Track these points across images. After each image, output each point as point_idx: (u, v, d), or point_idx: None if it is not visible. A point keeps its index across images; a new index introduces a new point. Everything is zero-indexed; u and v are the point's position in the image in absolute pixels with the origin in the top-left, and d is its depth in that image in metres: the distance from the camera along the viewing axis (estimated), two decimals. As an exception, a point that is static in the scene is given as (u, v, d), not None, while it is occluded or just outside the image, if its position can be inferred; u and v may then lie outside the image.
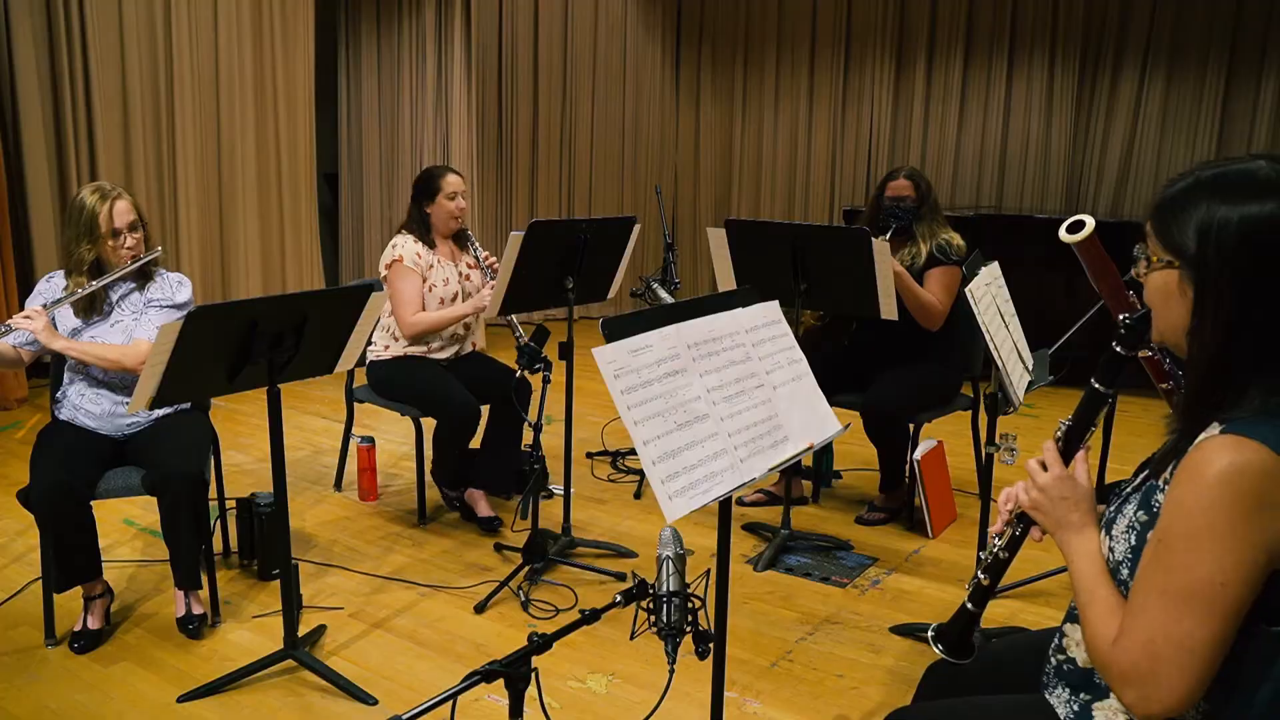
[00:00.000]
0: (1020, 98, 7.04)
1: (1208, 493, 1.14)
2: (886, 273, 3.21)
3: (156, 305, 2.88)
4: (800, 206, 7.99)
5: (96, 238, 2.75)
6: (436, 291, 3.63)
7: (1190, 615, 1.15)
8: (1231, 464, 1.13)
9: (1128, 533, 1.31)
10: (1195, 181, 1.25)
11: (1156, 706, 1.18)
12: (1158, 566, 1.19)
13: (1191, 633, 1.15)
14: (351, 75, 6.85)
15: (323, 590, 3.12)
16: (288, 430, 4.14)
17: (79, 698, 2.49)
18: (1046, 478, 1.43)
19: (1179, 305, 1.26)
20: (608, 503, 3.95)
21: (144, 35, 5.31)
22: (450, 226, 3.70)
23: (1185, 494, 1.16)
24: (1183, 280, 1.24)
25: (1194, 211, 1.22)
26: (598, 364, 1.61)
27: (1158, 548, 1.19)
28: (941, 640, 1.59)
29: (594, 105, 7.93)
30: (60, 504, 2.56)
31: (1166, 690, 1.17)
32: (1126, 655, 1.20)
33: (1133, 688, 1.19)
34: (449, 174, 3.70)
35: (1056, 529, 1.41)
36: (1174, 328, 1.28)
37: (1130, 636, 1.20)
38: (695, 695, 2.52)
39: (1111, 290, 2.47)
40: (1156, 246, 1.28)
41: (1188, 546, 1.15)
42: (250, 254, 6.03)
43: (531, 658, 1.45)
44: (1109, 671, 1.23)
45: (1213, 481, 1.14)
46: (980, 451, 3.79)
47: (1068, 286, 5.81)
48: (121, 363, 2.74)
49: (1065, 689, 1.42)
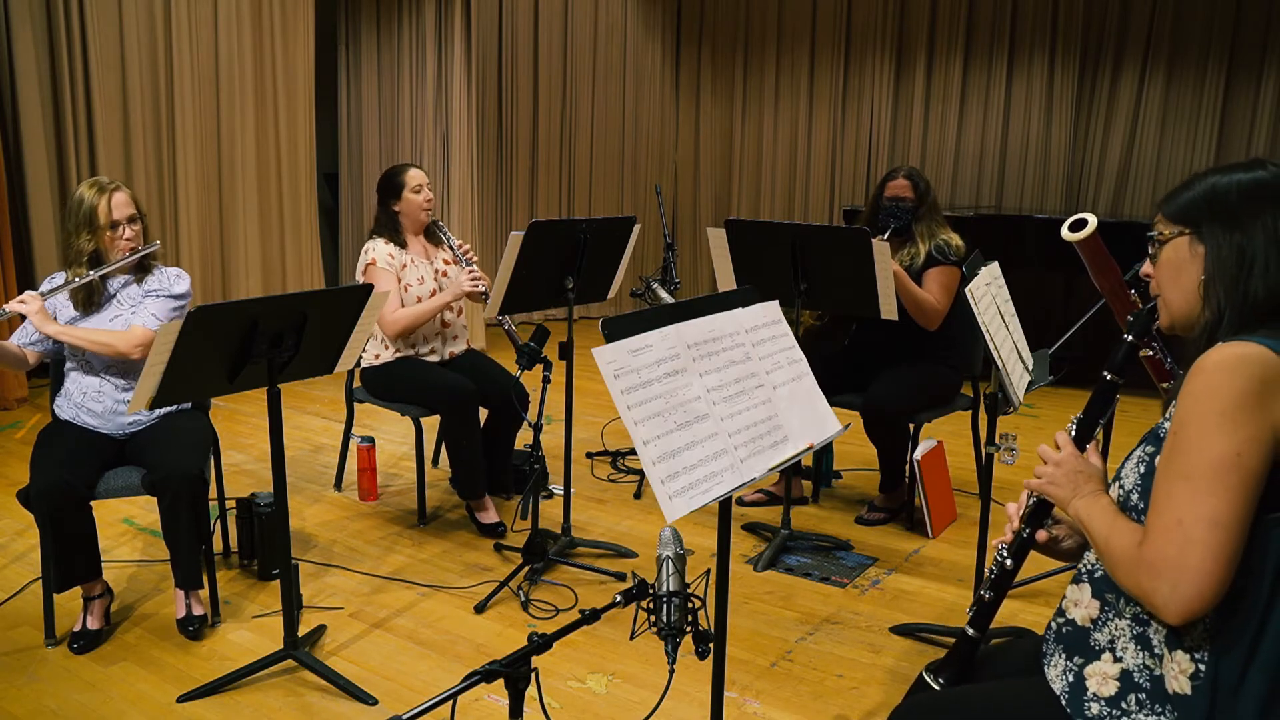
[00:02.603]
0: (1020, 98, 7.04)
1: (1214, 377, 1.24)
2: (886, 273, 3.21)
3: (154, 295, 2.88)
4: (800, 206, 7.99)
5: (95, 229, 2.76)
6: (413, 291, 3.62)
7: (1213, 491, 1.21)
8: (1233, 355, 1.25)
9: (1137, 465, 1.39)
10: (1199, 186, 1.41)
11: (1189, 592, 1.21)
12: (1176, 454, 1.26)
13: (1216, 507, 1.21)
14: (351, 75, 6.85)
15: (323, 590, 3.12)
16: (287, 430, 4.16)
17: (79, 698, 2.49)
18: (1061, 454, 1.50)
19: (1190, 268, 1.38)
20: (608, 503, 3.95)
21: (144, 35, 5.31)
22: (421, 220, 3.71)
23: (1193, 387, 1.26)
24: (1193, 242, 1.38)
25: (1199, 186, 1.40)
26: (598, 364, 1.61)
27: (1173, 440, 1.27)
28: (941, 674, 1.60)
29: (594, 105, 7.93)
30: (60, 504, 2.56)
31: (1197, 572, 1.21)
32: (1155, 546, 1.25)
33: (1164, 580, 1.23)
34: (410, 169, 3.74)
35: (1071, 498, 1.45)
36: (1186, 294, 1.39)
37: (1157, 527, 1.25)
38: (695, 695, 2.52)
39: (1113, 288, 2.48)
40: (1166, 224, 1.42)
41: (1201, 428, 1.23)
42: (250, 254, 6.02)
43: (531, 658, 1.45)
44: (1139, 571, 1.27)
45: (1216, 370, 1.25)
46: (980, 451, 3.79)
47: (1068, 286, 5.83)
48: (115, 346, 2.73)
49: (1061, 655, 1.44)
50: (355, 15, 6.76)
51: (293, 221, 6.25)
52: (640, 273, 7.52)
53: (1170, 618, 1.25)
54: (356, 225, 7.04)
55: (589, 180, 8.03)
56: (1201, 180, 1.41)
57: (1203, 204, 1.38)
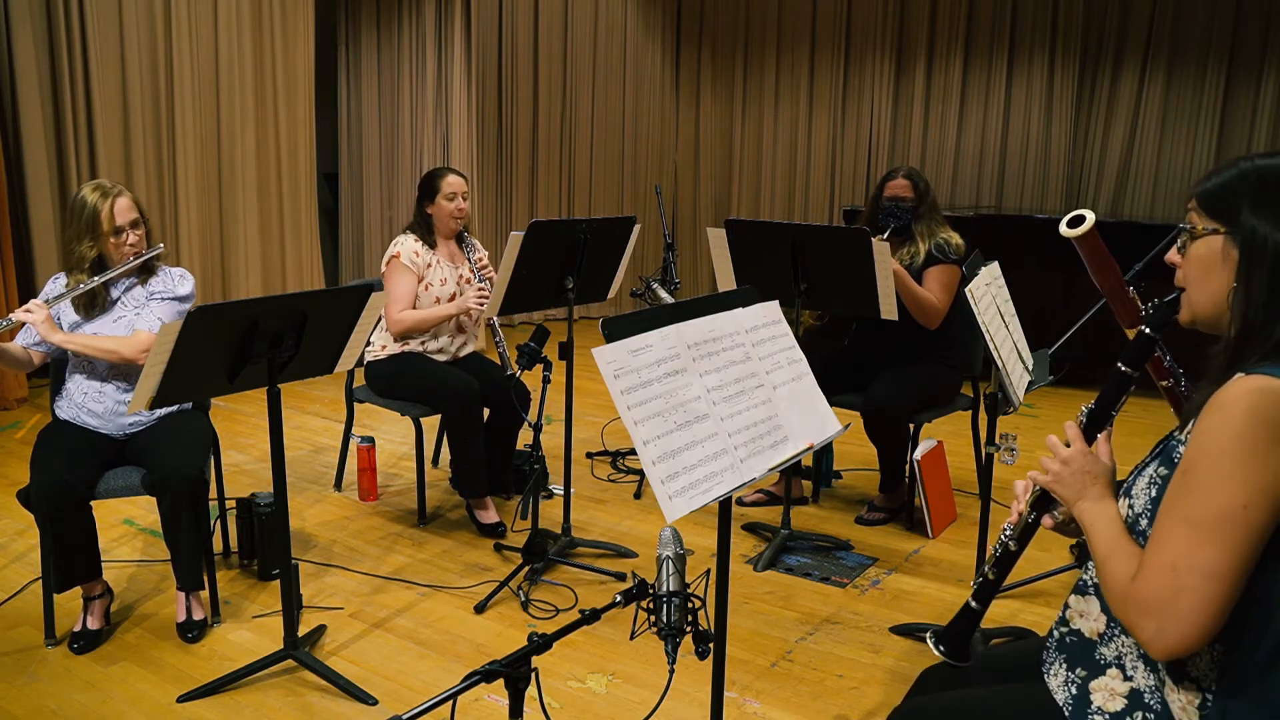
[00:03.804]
0: (1020, 98, 7.04)
1: (1233, 421, 1.17)
2: (886, 272, 3.21)
3: (159, 298, 2.89)
4: (800, 206, 7.99)
5: (99, 235, 2.75)
6: (433, 291, 3.63)
7: (1212, 542, 1.17)
8: (1257, 398, 1.17)
9: (1148, 488, 1.33)
10: (1240, 168, 1.30)
11: (1173, 636, 1.19)
12: (1181, 495, 1.21)
13: (1213, 559, 1.17)
14: (351, 75, 6.85)
15: (323, 590, 3.12)
16: (287, 430, 4.15)
17: (79, 698, 2.49)
18: (1069, 451, 1.44)
19: (1220, 271, 1.29)
20: (608, 503, 3.95)
21: (144, 35, 5.31)
22: (451, 227, 3.71)
23: (1209, 424, 1.20)
24: (1227, 245, 1.28)
25: (1240, 184, 1.28)
26: (598, 364, 1.61)
27: (1182, 478, 1.22)
28: (942, 642, 1.59)
29: (594, 105, 7.93)
30: (60, 504, 2.56)
31: (1185, 619, 1.18)
32: (1148, 584, 1.21)
33: (1152, 618, 1.20)
34: (449, 174, 3.72)
35: (1077, 500, 1.41)
36: (1213, 297, 1.31)
37: (1152, 566, 1.22)
38: (695, 695, 2.52)
39: (1112, 285, 2.47)
40: (1201, 217, 1.32)
41: (1212, 473, 1.18)
42: (250, 254, 6.02)
43: (531, 658, 1.45)
44: (1127, 605, 1.24)
45: (1238, 411, 1.17)
46: (980, 451, 3.79)
47: (1068, 286, 5.82)
48: (119, 351, 2.74)
49: (1063, 665, 1.42)
50: (355, 15, 6.76)
51: (293, 221, 6.25)
52: (640, 273, 7.52)
53: (1154, 655, 1.23)
54: (356, 225, 7.04)
55: (589, 180, 8.03)
56: (1247, 165, 1.29)
57: (1244, 198, 1.26)
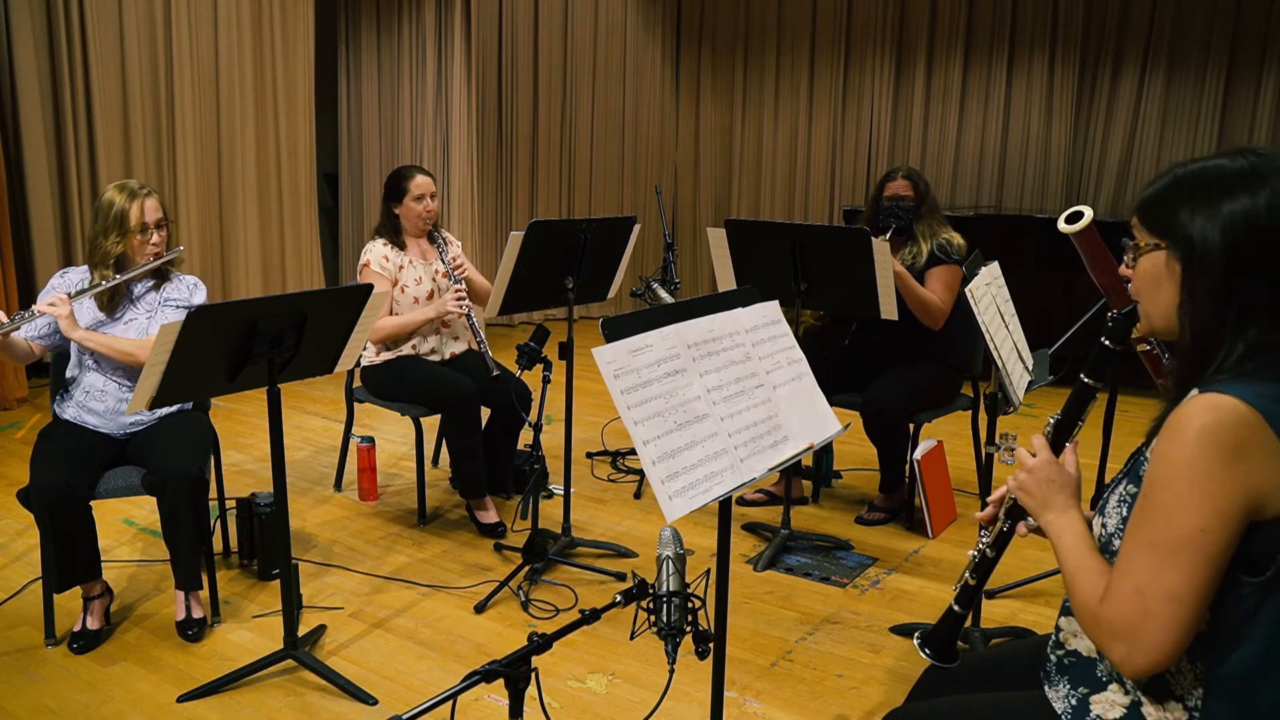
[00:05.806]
0: (1020, 98, 7.04)
1: (1187, 444, 1.19)
2: (886, 272, 3.21)
3: (173, 305, 2.91)
4: (800, 206, 7.99)
5: (126, 232, 2.78)
6: (409, 291, 3.62)
7: (1175, 565, 1.19)
8: (1209, 416, 1.19)
9: (1119, 506, 1.35)
10: (1173, 175, 1.33)
11: (1142, 659, 1.21)
12: (1142, 519, 1.23)
13: (1176, 582, 1.19)
14: (351, 75, 6.85)
15: (323, 590, 3.12)
16: (288, 430, 4.15)
17: (79, 698, 2.49)
18: (1035, 461, 1.48)
19: (1168, 284, 1.31)
20: (608, 503, 3.95)
21: (144, 35, 5.31)
22: (420, 227, 3.69)
23: (1166, 449, 1.22)
24: (1170, 259, 1.30)
25: (1174, 192, 1.30)
26: (598, 364, 1.61)
27: (1144, 501, 1.24)
28: (928, 644, 1.60)
29: (594, 105, 7.93)
30: (60, 504, 2.56)
31: (1152, 642, 1.20)
32: (1114, 609, 1.24)
33: (1121, 641, 1.23)
34: (417, 174, 3.67)
35: (1042, 510, 1.44)
36: (1164, 310, 1.33)
37: (1119, 590, 1.24)
38: (695, 695, 2.52)
39: (1110, 282, 2.48)
40: (1143, 233, 1.34)
41: (1171, 497, 1.20)
42: (250, 254, 6.03)
43: (531, 658, 1.45)
44: (1097, 628, 1.27)
45: (1192, 433, 1.19)
46: (980, 451, 3.79)
47: (1068, 286, 5.81)
48: (137, 356, 2.76)
49: (1065, 684, 1.43)
50: (355, 15, 6.76)
51: (293, 221, 6.25)
52: (640, 273, 7.52)
53: (1126, 675, 1.26)
54: (356, 225, 7.04)
55: (589, 180, 8.03)
56: (1180, 171, 1.31)
57: (1179, 204, 1.28)
